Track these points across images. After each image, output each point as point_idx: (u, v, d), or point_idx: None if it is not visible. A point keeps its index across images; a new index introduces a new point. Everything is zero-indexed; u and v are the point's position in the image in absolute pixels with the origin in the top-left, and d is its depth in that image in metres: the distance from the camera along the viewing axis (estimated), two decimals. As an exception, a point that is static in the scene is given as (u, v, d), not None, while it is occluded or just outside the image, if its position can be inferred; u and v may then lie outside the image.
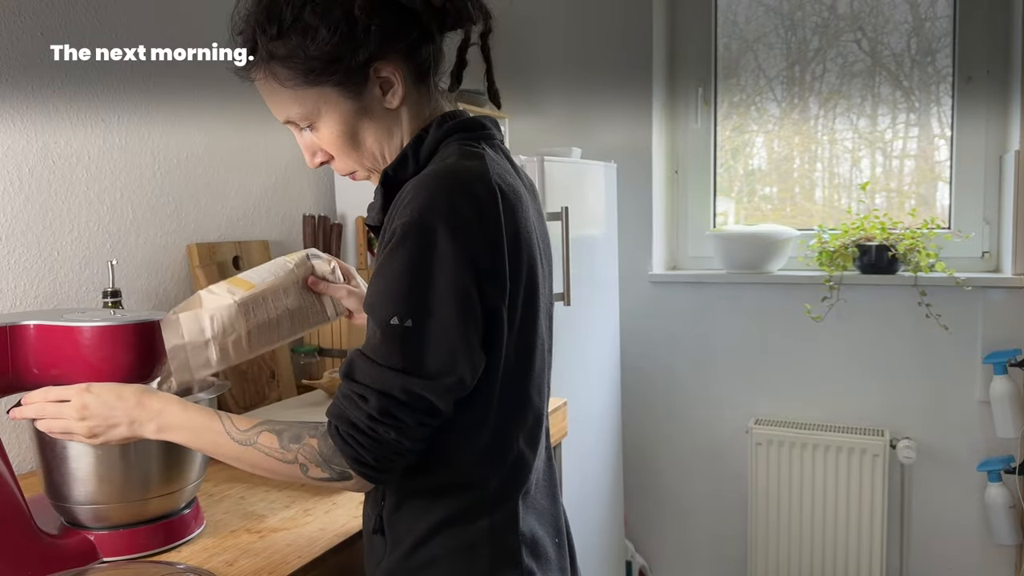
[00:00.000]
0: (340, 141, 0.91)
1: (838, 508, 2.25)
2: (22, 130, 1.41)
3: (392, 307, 0.79)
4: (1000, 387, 2.09)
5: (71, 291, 1.49)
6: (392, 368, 0.79)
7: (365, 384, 0.80)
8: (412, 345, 0.79)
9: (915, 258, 2.19)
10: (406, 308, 0.79)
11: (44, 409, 0.92)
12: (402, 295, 0.79)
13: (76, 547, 1.00)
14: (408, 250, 0.79)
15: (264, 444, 0.85)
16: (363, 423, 0.80)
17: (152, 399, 0.89)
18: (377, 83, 0.87)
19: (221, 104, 1.81)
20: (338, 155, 0.93)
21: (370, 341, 0.81)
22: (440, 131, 0.90)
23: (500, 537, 0.89)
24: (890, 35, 2.38)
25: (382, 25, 0.84)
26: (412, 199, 0.80)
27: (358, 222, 2.03)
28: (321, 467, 0.83)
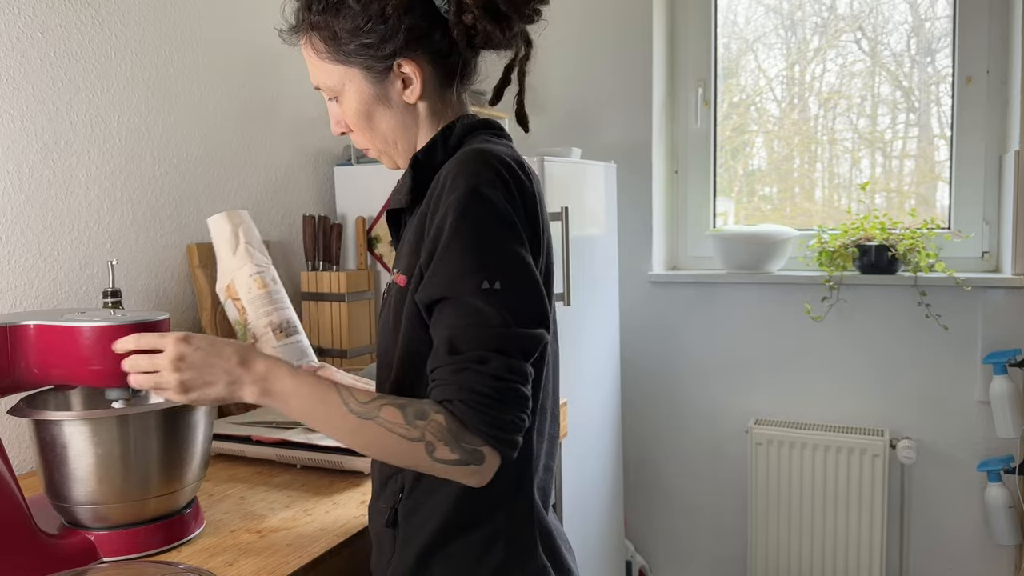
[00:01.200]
0: (357, 118, 0.95)
1: (838, 508, 2.25)
2: (22, 130, 1.41)
3: (479, 275, 0.80)
4: (1000, 387, 2.09)
5: (71, 291, 1.49)
6: (500, 326, 0.79)
7: (478, 350, 0.78)
8: (510, 303, 0.80)
9: (915, 258, 2.19)
10: (492, 271, 0.80)
11: (136, 362, 0.87)
12: (484, 262, 0.80)
13: (76, 547, 1.00)
14: (475, 219, 0.81)
15: (387, 418, 0.79)
16: (490, 386, 0.77)
17: (258, 360, 0.83)
18: (399, 77, 0.93)
19: (221, 104, 1.81)
20: (355, 130, 0.98)
21: (462, 317, 0.79)
22: (466, 125, 0.96)
23: (517, 532, 0.89)
24: (890, 35, 2.38)
25: (412, 26, 0.90)
26: (458, 174, 0.84)
27: (358, 222, 2.03)
28: (450, 446, 0.78)
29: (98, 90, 1.53)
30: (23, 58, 1.40)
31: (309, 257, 1.96)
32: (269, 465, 1.38)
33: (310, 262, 1.96)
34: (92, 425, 0.99)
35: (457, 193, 0.82)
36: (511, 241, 0.82)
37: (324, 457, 1.33)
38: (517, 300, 0.81)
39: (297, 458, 1.35)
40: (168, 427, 1.04)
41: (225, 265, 1.28)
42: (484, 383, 0.77)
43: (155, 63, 1.65)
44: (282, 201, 2.00)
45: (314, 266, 1.96)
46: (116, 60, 1.57)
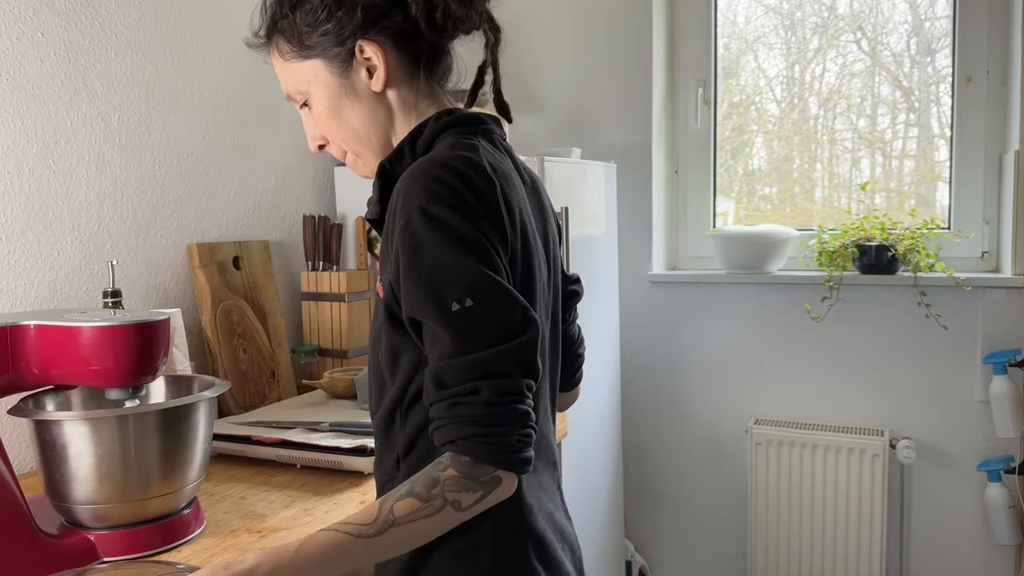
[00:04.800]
0: (326, 116, 0.92)
1: (838, 508, 2.25)
2: (22, 130, 1.41)
3: (446, 297, 0.77)
4: (1000, 387, 2.09)
5: (71, 291, 1.49)
6: (478, 351, 0.76)
7: (465, 381, 0.76)
8: (484, 319, 0.77)
9: (915, 258, 2.19)
10: (459, 291, 0.77)
11: None
12: (448, 282, 0.77)
13: (76, 547, 1.00)
14: (426, 242, 0.78)
15: (406, 513, 0.75)
16: (484, 414, 0.76)
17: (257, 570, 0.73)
18: (364, 65, 0.90)
19: (221, 104, 1.81)
20: (327, 133, 0.94)
21: (438, 347, 0.78)
22: (437, 125, 0.90)
23: (503, 541, 0.86)
24: (890, 35, 2.38)
25: (369, 4, 0.88)
26: (406, 195, 0.80)
27: (358, 222, 2.03)
28: (470, 490, 0.76)
29: (98, 90, 1.53)
30: (23, 58, 1.40)
31: (309, 257, 1.96)
32: (269, 465, 1.38)
33: (310, 262, 1.96)
34: (92, 425, 0.99)
35: (405, 215, 0.79)
36: (469, 255, 0.78)
37: (324, 457, 1.33)
38: (491, 313, 0.77)
39: (297, 458, 1.35)
40: (168, 427, 1.04)
41: None
42: (478, 413, 0.76)
43: (155, 63, 1.65)
44: (282, 201, 2.00)
45: (314, 266, 1.96)
46: (116, 60, 1.57)
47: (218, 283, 1.73)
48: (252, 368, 1.76)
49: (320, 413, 1.58)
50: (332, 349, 1.94)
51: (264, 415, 1.57)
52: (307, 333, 1.97)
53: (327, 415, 1.55)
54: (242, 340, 1.75)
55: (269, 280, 1.88)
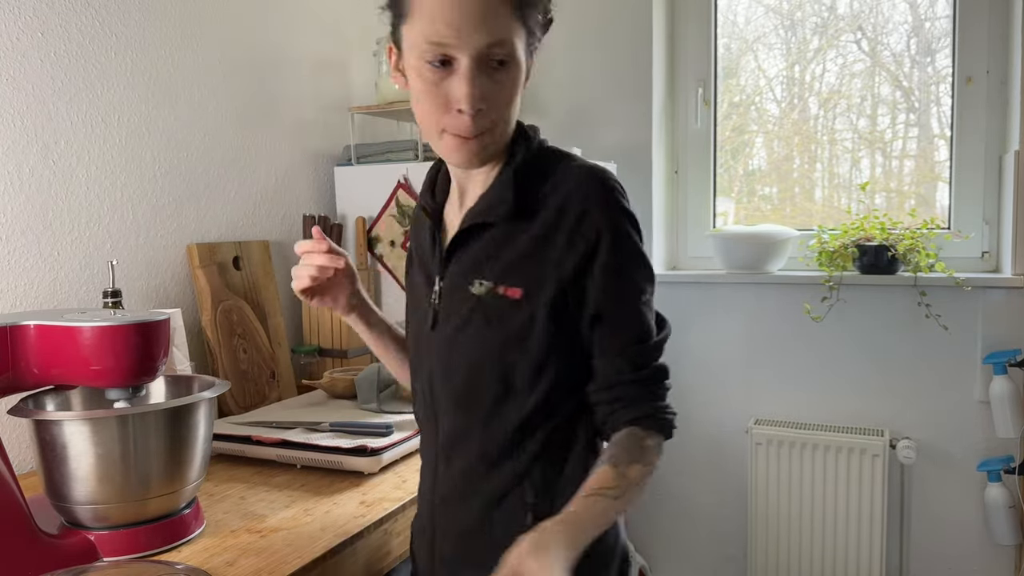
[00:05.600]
0: (512, 88, 0.88)
1: (838, 508, 2.25)
2: (22, 130, 1.41)
3: (645, 290, 0.91)
4: (1000, 387, 2.09)
5: (71, 291, 1.49)
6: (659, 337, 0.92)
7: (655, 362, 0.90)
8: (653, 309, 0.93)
9: (915, 258, 2.19)
10: (646, 283, 0.92)
11: None
12: (646, 277, 0.91)
13: (76, 547, 1.00)
14: (635, 243, 0.91)
15: (638, 477, 0.85)
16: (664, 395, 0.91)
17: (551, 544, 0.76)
18: (534, 62, 0.93)
19: (221, 104, 1.81)
20: (497, 102, 0.87)
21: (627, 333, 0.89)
22: (530, 130, 0.97)
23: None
24: (890, 35, 2.38)
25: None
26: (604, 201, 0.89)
27: (358, 222, 2.03)
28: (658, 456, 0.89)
29: (98, 90, 1.53)
30: (23, 58, 1.40)
31: (309, 257, 1.96)
32: (269, 465, 1.38)
33: (310, 262, 1.96)
34: (92, 425, 0.99)
35: (612, 219, 0.88)
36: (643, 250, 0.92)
37: (324, 457, 1.33)
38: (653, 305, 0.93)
39: (297, 458, 1.35)
40: (168, 427, 1.04)
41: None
42: (662, 394, 0.90)
43: (155, 63, 1.65)
44: (282, 201, 2.00)
45: (314, 266, 1.96)
46: (116, 60, 1.57)
47: (218, 283, 1.73)
48: (252, 368, 1.76)
49: (320, 413, 1.58)
50: (332, 349, 1.94)
51: (264, 415, 1.57)
52: (307, 333, 1.97)
53: (327, 415, 1.55)
54: (242, 340, 1.75)
55: (269, 280, 1.88)
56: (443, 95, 0.84)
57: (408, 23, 0.85)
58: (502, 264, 0.89)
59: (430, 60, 0.83)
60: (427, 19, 0.82)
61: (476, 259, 0.91)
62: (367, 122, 2.26)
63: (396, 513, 1.18)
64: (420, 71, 0.85)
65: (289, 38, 2.01)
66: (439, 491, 0.97)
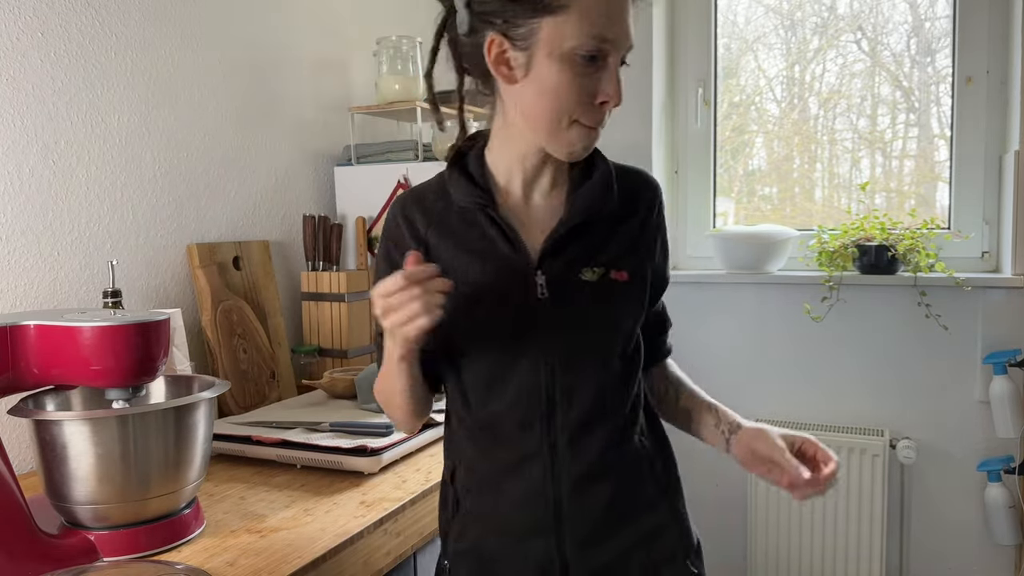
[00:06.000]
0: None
1: (838, 508, 2.25)
2: (22, 130, 1.41)
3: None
4: (1000, 387, 2.09)
5: (71, 291, 1.49)
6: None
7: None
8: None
9: (915, 258, 2.19)
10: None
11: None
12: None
13: (76, 547, 1.00)
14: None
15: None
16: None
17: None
18: None
19: (221, 104, 1.81)
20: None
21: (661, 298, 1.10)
22: None
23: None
24: (890, 35, 2.38)
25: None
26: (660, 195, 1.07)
27: (358, 222, 2.03)
28: None
29: (98, 90, 1.53)
30: (23, 58, 1.40)
31: (309, 257, 1.96)
32: (269, 465, 1.38)
33: (310, 262, 1.96)
34: (92, 425, 0.99)
35: (661, 210, 1.06)
36: None
37: (324, 457, 1.33)
38: None
39: (297, 458, 1.35)
40: (168, 427, 1.04)
41: None
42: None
43: (155, 63, 1.65)
44: (282, 201, 2.00)
45: (314, 266, 1.96)
46: (116, 60, 1.57)
47: (218, 283, 1.73)
48: (252, 368, 1.76)
49: (320, 413, 1.58)
50: (332, 349, 1.94)
51: (264, 415, 1.57)
52: (307, 333, 1.97)
53: (327, 415, 1.55)
54: (242, 340, 1.75)
55: (269, 280, 1.88)
56: (587, 88, 0.91)
57: (559, 16, 0.88)
58: (611, 252, 0.99)
59: (584, 54, 0.88)
60: (591, 14, 0.88)
61: (585, 249, 0.98)
62: (367, 122, 2.26)
63: (396, 513, 1.18)
64: (568, 62, 0.89)
65: (289, 38, 2.01)
66: (568, 481, 0.96)
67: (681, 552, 1.05)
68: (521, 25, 0.89)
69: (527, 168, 0.99)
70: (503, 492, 0.98)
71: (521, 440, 0.97)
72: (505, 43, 0.91)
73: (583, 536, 0.97)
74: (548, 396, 0.96)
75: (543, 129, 0.93)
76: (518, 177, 0.99)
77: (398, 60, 2.02)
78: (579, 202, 0.99)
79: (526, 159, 0.98)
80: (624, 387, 1.01)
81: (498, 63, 0.92)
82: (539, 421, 0.96)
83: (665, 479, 1.06)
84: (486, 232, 0.97)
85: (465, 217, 0.99)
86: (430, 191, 1.03)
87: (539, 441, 0.96)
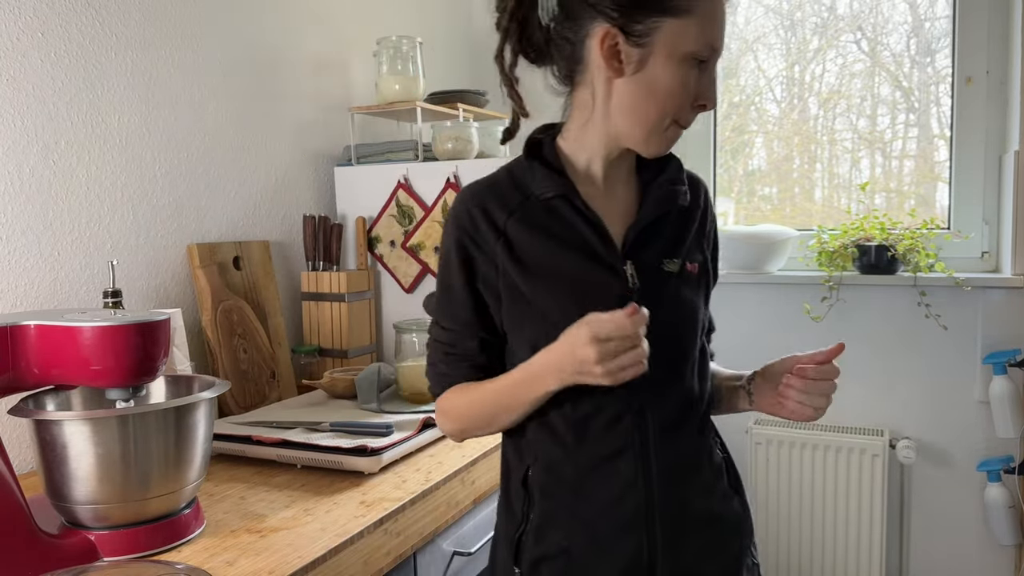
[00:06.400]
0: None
1: (838, 508, 2.25)
2: (22, 130, 1.41)
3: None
4: (999, 387, 2.09)
5: (71, 291, 1.49)
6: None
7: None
8: None
9: (914, 258, 2.19)
10: None
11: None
12: None
13: (76, 547, 1.00)
14: None
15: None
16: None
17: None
18: None
19: (221, 104, 1.81)
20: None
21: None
22: None
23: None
24: (890, 35, 2.38)
25: None
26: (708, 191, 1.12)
27: (358, 222, 2.03)
28: None
29: (98, 90, 1.53)
30: (23, 58, 1.40)
31: (309, 257, 1.96)
32: (269, 465, 1.38)
33: (310, 262, 1.96)
34: (92, 425, 0.99)
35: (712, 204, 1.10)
36: None
37: (324, 457, 1.33)
38: None
39: (297, 458, 1.35)
40: (168, 427, 1.04)
41: None
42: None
43: (155, 63, 1.65)
44: (282, 201, 2.00)
45: (314, 266, 1.96)
46: (116, 60, 1.57)
47: (218, 283, 1.73)
48: (252, 368, 1.76)
49: (320, 413, 1.58)
50: (332, 349, 1.94)
51: (264, 415, 1.57)
52: (307, 333, 1.97)
53: (327, 415, 1.55)
54: (242, 340, 1.75)
55: (269, 280, 1.88)
56: (691, 90, 0.93)
57: (683, 19, 0.89)
58: (685, 244, 1.02)
59: (699, 58, 0.91)
60: (711, 21, 0.90)
61: (665, 240, 1.00)
62: (367, 122, 2.26)
63: (396, 513, 1.18)
64: (684, 65, 0.91)
65: (289, 38, 2.01)
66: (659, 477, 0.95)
67: (749, 543, 1.06)
68: (641, 22, 0.90)
69: (609, 158, 1.00)
70: (591, 491, 0.96)
71: (612, 436, 0.95)
72: (619, 37, 0.91)
73: (673, 532, 0.96)
74: (639, 390, 0.94)
75: (644, 126, 0.94)
76: (599, 167, 1.00)
77: (398, 60, 2.02)
78: (658, 192, 1.01)
79: (610, 150, 0.99)
80: (702, 380, 1.03)
81: (609, 56, 0.92)
82: (630, 415, 0.95)
83: (733, 471, 1.07)
84: (572, 222, 0.97)
85: (549, 208, 0.98)
86: (501, 183, 1.01)
87: (630, 437, 0.95)
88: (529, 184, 0.99)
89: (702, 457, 1.02)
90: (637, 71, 0.91)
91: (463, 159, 1.94)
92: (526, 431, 0.99)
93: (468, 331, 1.00)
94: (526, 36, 0.99)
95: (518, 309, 0.97)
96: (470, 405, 1.00)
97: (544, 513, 0.97)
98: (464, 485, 1.35)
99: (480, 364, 1.01)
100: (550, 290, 0.95)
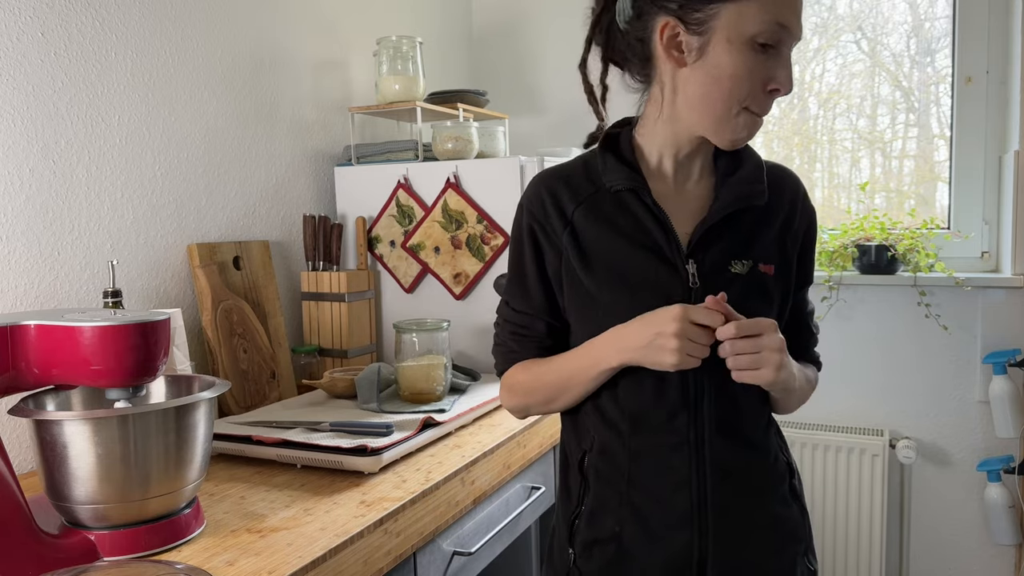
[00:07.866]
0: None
1: (838, 508, 2.25)
2: (22, 130, 1.41)
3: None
4: (999, 387, 2.09)
5: (71, 291, 1.49)
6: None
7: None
8: None
9: (915, 258, 2.19)
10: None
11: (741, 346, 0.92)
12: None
13: (76, 547, 1.00)
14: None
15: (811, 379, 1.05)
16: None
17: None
18: None
19: (221, 104, 1.81)
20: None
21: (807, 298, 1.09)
22: None
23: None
24: (890, 35, 2.38)
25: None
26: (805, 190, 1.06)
27: (358, 222, 2.03)
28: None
29: (98, 90, 1.53)
30: (23, 58, 1.40)
31: (309, 257, 1.96)
32: (269, 465, 1.38)
33: (310, 262, 1.96)
34: (92, 425, 0.99)
35: (812, 205, 1.05)
36: None
37: (324, 457, 1.33)
38: None
39: (297, 458, 1.35)
40: (168, 427, 1.04)
41: None
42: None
43: (155, 63, 1.65)
44: (282, 201, 2.00)
45: (314, 266, 1.96)
46: (116, 60, 1.57)
47: (218, 283, 1.73)
48: (252, 368, 1.76)
49: (320, 413, 1.58)
50: (332, 349, 1.94)
51: (264, 415, 1.57)
52: (307, 333, 1.97)
53: (327, 415, 1.55)
54: (242, 340, 1.75)
55: (269, 280, 1.88)
56: (760, 75, 0.91)
57: (742, 3, 0.89)
58: (760, 244, 0.98)
59: (763, 41, 0.90)
60: (773, 1, 0.89)
61: (735, 241, 0.97)
62: (367, 122, 2.26)
63: (396, 513, 1.18)
64: (746, 49, 0.90)
65: (289, 38, 2.01)
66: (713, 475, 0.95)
67: (805, 550, 1.04)
68: (699, 10, 0.90)
69: (680, 154, 0.99)
70: (645, 483, 0.96)
71: (667, 432, 0.96)
72: (679, 27, 0.91)
73: (726, 532, 0.95)
74: (695, 386, 0.95)
75: (712, 114, 0.93)
76: (670, 163, 1.00)
77: (398, 60, 2.02)
78: (731, 191, 0.98)
79: (680, 145, 0.99)
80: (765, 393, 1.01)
81: (669, 46, 0.92)
82: (685, 411, 0.95)
83: (794, 476, 1.05)
84: (639, 217, 0.97)
85: (618, 201, 0.99)
86: (574, 172, 1.03)
87: (685, 432, 0.95)
88: (601, 175, 1.00)
89: (761, 458, 1.00)
90: (699, 59, 0.91)
91: (463, 159, 1.94)
92: (585, 417, 1.01)
93: (539, 314, 1.03)
94: (611, 44, 1.00)
95: (578, 297, 0.99)
96: (534, 380, 1.02)
97: (598, 498, 0.99)
98: (464, 485, 1.35)
99: (547, 346, 1.04)
100: (608, 282, 0.96)
